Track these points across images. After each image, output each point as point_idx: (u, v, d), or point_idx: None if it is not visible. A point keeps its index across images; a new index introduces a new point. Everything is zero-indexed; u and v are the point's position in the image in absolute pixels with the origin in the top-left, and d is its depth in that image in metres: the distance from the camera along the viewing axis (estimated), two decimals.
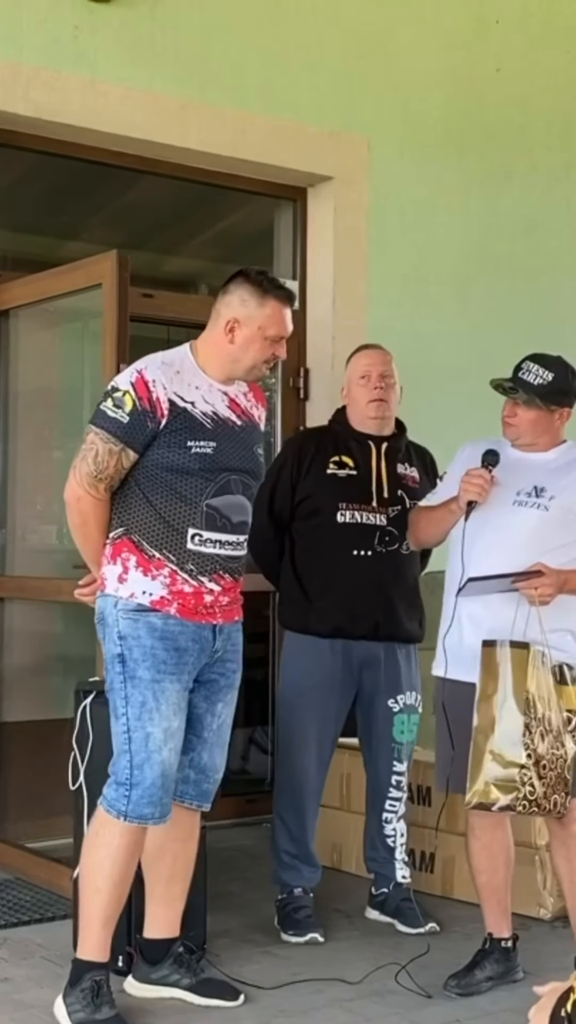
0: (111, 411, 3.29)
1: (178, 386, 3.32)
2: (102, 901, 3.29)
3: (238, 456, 3.39)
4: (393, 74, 5.62)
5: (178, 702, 3.32)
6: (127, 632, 3.29)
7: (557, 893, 4.12)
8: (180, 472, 3.30)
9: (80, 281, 4.44)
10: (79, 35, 4.79)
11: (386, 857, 4.24)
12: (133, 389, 3.28)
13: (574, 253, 6.22)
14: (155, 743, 3.27)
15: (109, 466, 3.29)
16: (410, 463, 4.24)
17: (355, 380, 4.20)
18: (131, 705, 3.27)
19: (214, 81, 5.12)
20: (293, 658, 4.18)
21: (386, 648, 4.16)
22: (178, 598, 3.31)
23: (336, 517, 4.09)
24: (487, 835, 3.63)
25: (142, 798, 3.27)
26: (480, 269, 5.88)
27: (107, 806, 3.31)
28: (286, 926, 4.07)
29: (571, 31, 6.21)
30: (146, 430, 3.27)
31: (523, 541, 3.51)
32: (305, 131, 5.37)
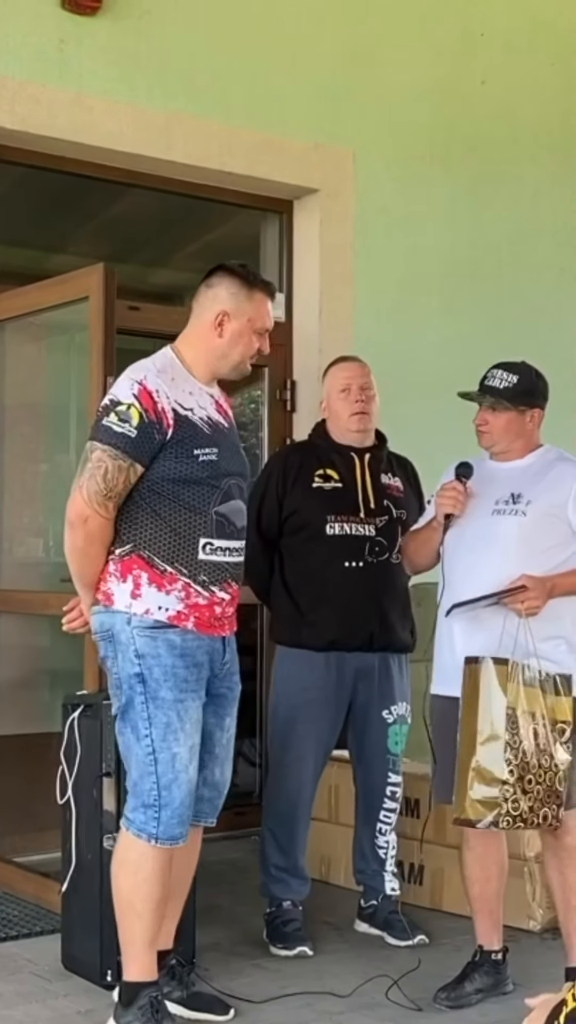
0: (117, 426, 3.20)
1: (176, 394, 3.27)
2: (145, 925, 3.27)
3: (235, 459, 3.37)
4: (378, 87, 5.64)
5: (198, 718, 3.29)
6: (146, 651, 3.23)
7: (547, 905, 4.12)
8: (188, 482, 3.25)
9: (67, 294, 4.44)
10: (65, 49, 4.80)
11: (376, 869, 4.24)
12: (138, 401, 3.21)
13: (560, 264, 6.24)
14: (181, 763, 3.24)
15: (119, 483, 3.20)
16: (393, 473, 4.25)
17: (335, 393, 4.19)
18: (155, 726, 3.22)
19: (200, 94, 5.13)
20: (287, 672, 4.17)
21: (380, 659, 4.17)
22: (194, 611, 3.27)
23: (325, 530, 4.08)
24: (481, 846, 3.63)
25: (172, 819, 3.24)
26: (466, 280, 5.90)
27: (136, 830, 3.26)
28: (275, 939, 4.06)
29: (556, 43, 6.24)
30: (154, 443, 3.21)
31: (506, 550, 3.50)
32: (291, 144, 5.38)
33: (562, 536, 3.55)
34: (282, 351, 5.51)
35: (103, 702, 3.73)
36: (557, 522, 3.54)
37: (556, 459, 3.66)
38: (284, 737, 4.14)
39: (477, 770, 3.35)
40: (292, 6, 5.39)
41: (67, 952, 3.82)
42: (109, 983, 3.56)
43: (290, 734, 4.12)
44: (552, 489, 3.57)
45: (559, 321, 6.17)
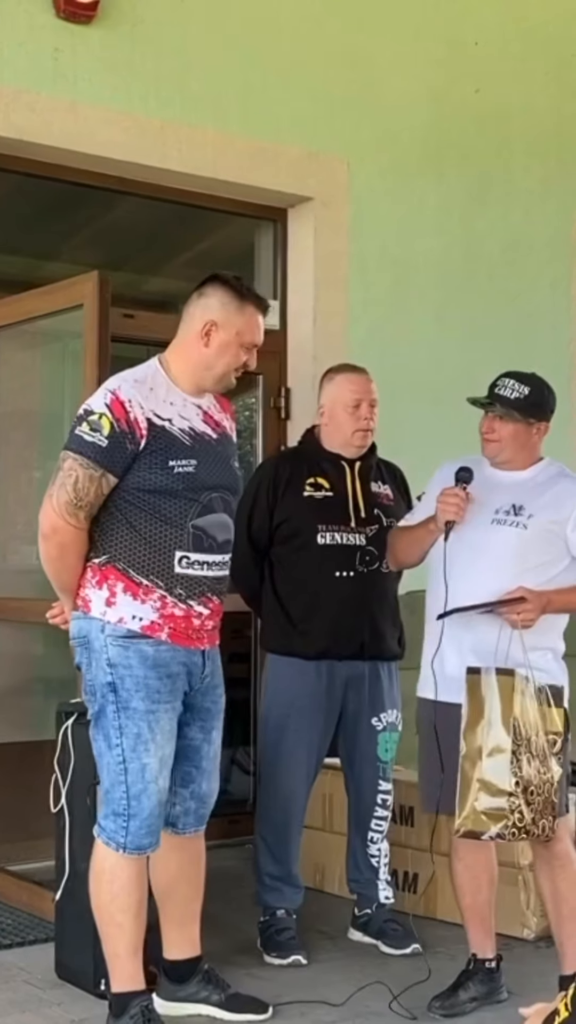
0: (88, 435, 3.18)
1: (154, 404, 3.24)
2: (127, 934, 3.27)
3: (218, 473, 3.33)
4: (373, 95, 5.65)
5: (171, 729, 3.28)
6: (117, 660, 3.22)
7: (540, 913, 4.11)
8: (163, 493, 3.22)
9: (61, 302, 4.44)
10: (60, 57, 4.80)
11: (369, 878, 4.23)
12: (109, 411, 3.19)
13: (553, 271, 6.25)
14: (151, 773, 3.23)
15: (90, 493, 3.18)
16: (383, 481, 4.25)
17: (342, 406, 4.15)
18: (126, 736, 3.21)
19: (194, 102, 5.14)
20: (278, 681, 4.16)
21: (370, 667, 4.16)
22: (169, 622, 3.25)
23: (316, 539, 4.08)
24: (471, 856, 3.63)
25: (140, 829, 3.24)
26: (460, 287, 5.91)
27: (106, 838, 3.27)
28: (269, 948, 4.05)
29: (548, 51, 6.25)
30: (126, 452, 3.18)
31: (502, 560, 3.50)
32: (285, 152, 5.39)
33: (556, 553, 3.55)
34: (276, 358, 5.51)
35: None
36: (555, 539, 3.54)
37: (558, 475, 3.66)
38: (276, 745, 4.13)
39: (482, 782, 3.34)
40: (286, 15, 5.40)
41: (60, 961, 3.82)
42: (102, 992, 3.56)
43: (281, 742, 4.12)
44: (554, 505, 3.56)
45: (552, 330, 6.18)
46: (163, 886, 3.44)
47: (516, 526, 3.54)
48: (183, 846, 3.42)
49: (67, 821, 3.76)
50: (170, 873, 3.44)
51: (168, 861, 3.37)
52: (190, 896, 3.51)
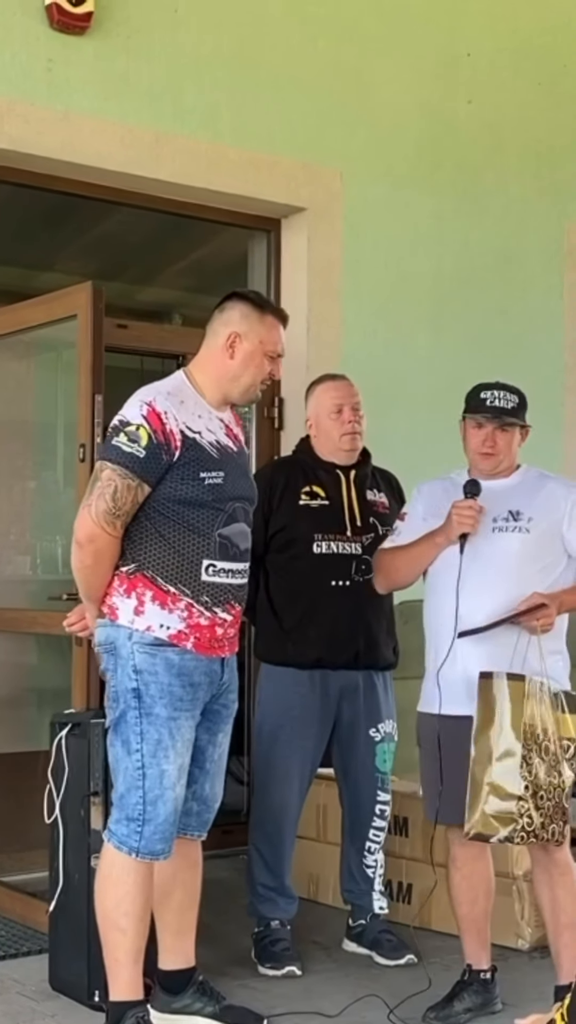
0: (126, 446, 3.24)
1: (186, 416, 3.31)
2: (129, 940, 3.28)
3: (241, 484, 3.40)
4: (366, 106, 5.66)
5: (190, 738, 3.32)
6: (144, 667, 3.26)
7: (535, 923, 4.11)
8: (192, 504, 3.28)
9: (55, 312, 4.45)
10: (53, 68, 4.81)
11: (364, 888, 4.23)
12: (147, 423, 3.25)
13: (546, 282, 6.26)
14: (169, 780, 3.26)
15: (127, 502, 3.24)
16: (378, 489, 4.25)
17: (326, 413, 4.18)
18: (146, 742, 3.25)
19: (188, 113, 5.14)
20: (272, 690, 4.16)
21: (364, 676, 4.16)
22: (195, 632, 3.29)
23: (312, 548, 4.08)
24: (468, 866, 3.62)
25: (154, 834, 3.26)
26: (453, 298, 5.91)
27: (117, 843, 3.28)
28: (263, 959, 4.04)
29: (541, 63, 6.27)
30: (161, 464, 3.25)
31: (510, 566, 3.52)
32: (278, 163, 5.40)
33: (557, 553, 3.58)
34: None
35: (91, 721, 3.73)
36: (555, 539, 3.58)
37: (540, 476, 3.70)
38: (269, 755, 4.13)
39: (492, 785, 3.35)
40: (279, 25, 5.41)
41: (54, 972, 3.81)
42: (96, 1003, 3.55)
43: (275, 752, 4.11)
44: (548, 506, 3.59)
45: (546, 338, 6.19)
46: (159, 890, 3.44)
47: (519, 531, 3.56)
48: (181, 850, 3.42)
49: (61, 832, 3.76)
50: (165, 877, 3.43)
51: (165, 864, 3.37)
52: (186, 904, 3.51)
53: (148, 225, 5.86)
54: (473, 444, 3.67)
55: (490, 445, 3.63)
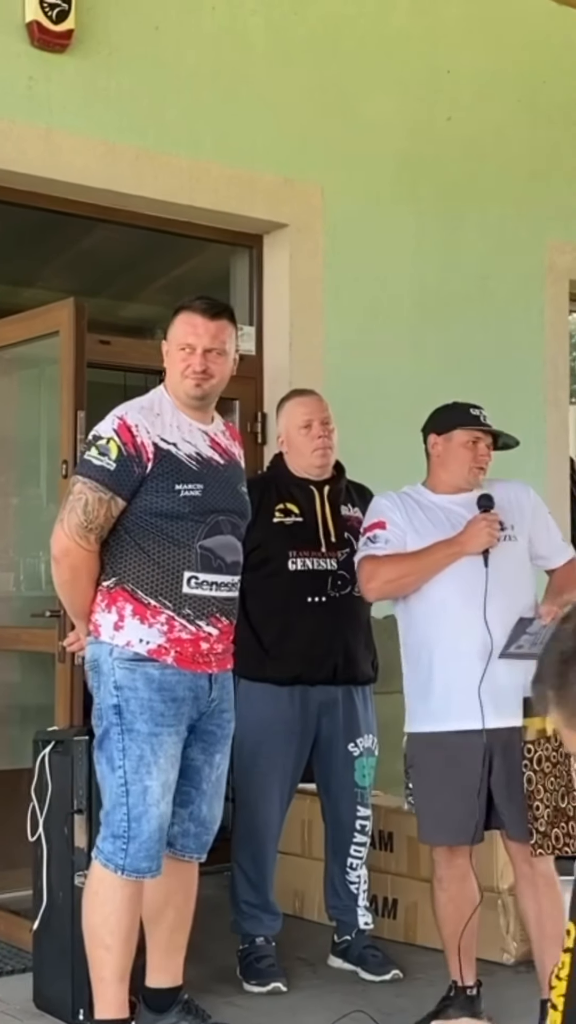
0: (96, 459, 3.25)
1: (160, 429, 3.32)
2: (114, 958, 3.27)
3: (225, 496, 3.39)
4: (347, 122, 5.68)
5: (175, 754, 3.30)
6: (124, 682, 3.25)
7: (520, 938, 4.11)
8: (170, 516, 3.28)
9: (37, 328, 4.45)
10: (34, 85, 4.82)
11: (348, 904, 4.22)
12: (117, 435, 3.26)
13: (526, 298, 6.29)
14: (153, 797, 3.25)
15: (99, 515, 3.25)
16: (352, 504, 4.25)
17: (296, 428, 4.18)
18: (128, 758, 3.24)
19: (169, 130, 5.16)
20: (250, 707, 4.14)
21: (343, 691, 4.16)
22: (176, 646, 3.28)
23: (288, 565, 4.07)
24: (454, 886, 3.61)
25: (139, 852, 3.25)
26: (434, 314, 5.94)
27: (104, 860, 3.27)
28: (248, 976, 4.03)
29: (520, 80, 6.31)
30: (133, 476, 3.25)
31: (517, 575, 3.58)
32: (260, 179, 5.41)
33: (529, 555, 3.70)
34: (252, 384, 5.52)
35: (74, 738, 3.72)
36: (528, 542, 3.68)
37: (491, 485, 3.71)
38: (249, 772, 4.11)
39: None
40: (260, 42, 5.43)
41: (39, 991, 3.79)
42: (81, 1022, 3.53)
43: (255, 769, 4.10)
44: (516, 511, 3.66)
45: (526, 354, 6.22)
46: (151, 909, 3.43)
47: (511, 540, 3.61)
48: (176, 870, 3.41)
49: (44, 850, 3.74)
50: (159, 896, 3.42)
51: (159, 883, 3.36)
52: (177, 924, 3.50)
53: (130, 241, 5.86)
54: (465, 458, 3.66)
55: (485, 460, 3.67)
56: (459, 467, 3.68)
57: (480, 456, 3.67)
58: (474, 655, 3.50)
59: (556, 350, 6.39)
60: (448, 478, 3.70)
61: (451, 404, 3.75)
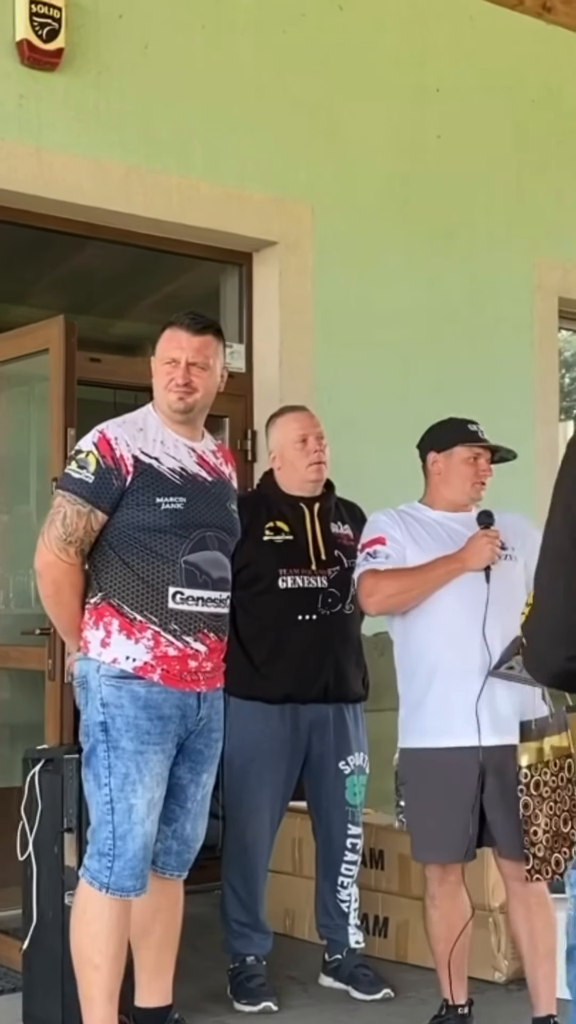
0: (76, 472, 3.28)
1: (142, 442, 3.33)
2: (103, 977, 3.26)
3: (211, 512, 3.38)
4: (336, 141, 5.71)
5: (161, 772, 3.29)
6: (110, 700, 3.25)
7: (511, 956, 4.10)
8: (152, 530, 3.28)
9: (27, 346, 4.45)
10: (24, 104, 4.83)
11: (339, 923, 4.20)
12: (96, 449, 3.29)
13: (515, 316, 6.31)
14: (138, 815, 3.24)
15: (78, 528, 3.26)
16: (342, 521, 4.24)
17: (290, 444, 4.17)
18: (114, 776, 3.23)
19: (159, 148, 5.17)
20: (241, 725, 4.13)
21: (335, 710, 4.15)
22: (162, 663, 3.28)
23: (278, 583, 4.07)
24: (446, 903, 3.60)
25: (124, 870, 3.24)
26: (424, 330, 5.95)
27: (90, 878, 3.27)
28: (239, 995, 4.01)
29: (508, 98, 6.34)
30: (112, 488, 3.26)
31: (514, 594, 3.49)
32: (250, 197, 5.43)
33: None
34: (242, 401, 5.53)
35: (64, 756, 3.71)
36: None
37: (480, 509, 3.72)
38: (239, 791, 4.10)
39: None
40: (250, 61, 5.46)
41: (28, 1011, 3.77)
42: None
43: (245, 788, 4.09)
44: (516, 534, 3.62)
45: (515, 372, 6.24)
46: (138, 928, 3.41)
47: (511, 559, 3.59)
48: (161, 888, 3.40)
49: (34, 869, 3.73)
50: (146, 915, 3.41)
51: (145, 902, 3.35)
52: (164, 943, 3.49)
53: (120, 259, 5.87)
54: (467, 474, 3.67)
55: (486, 475, 3.68)
56: (461, 483, 3.68)
57: (481, 471, 3.68)
58: (473, 671, 3.50)
59: (545, 367, 6.41)
60: (450, 495, 3.70)
61: (447, 420, 3.75)
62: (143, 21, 5.14)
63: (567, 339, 7.83)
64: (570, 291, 6.53)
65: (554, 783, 3.48)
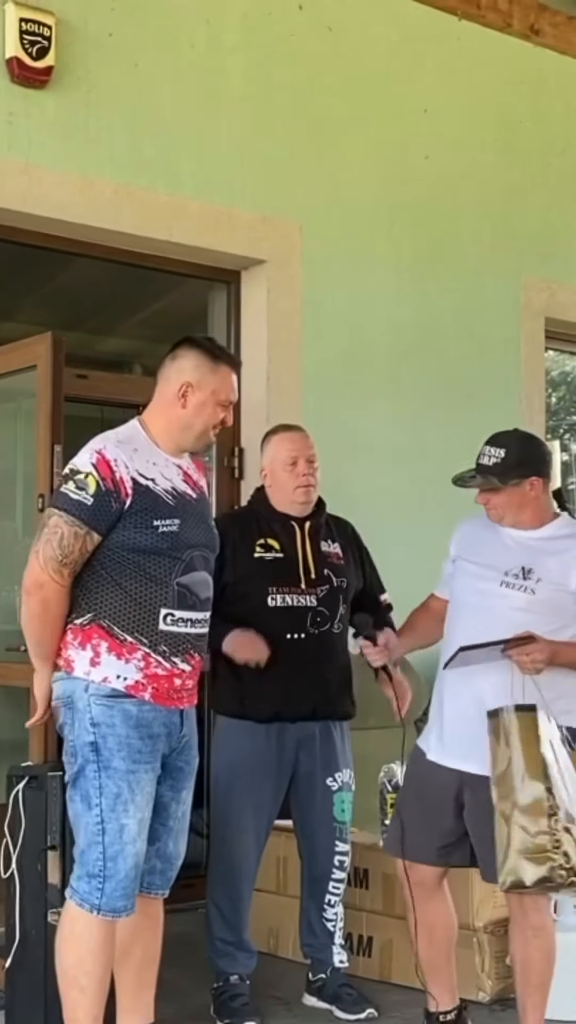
0: (74, 493, 3.22)
1: (139, 464, 3.29)
2: (88, 999, 3.23)
3: (198, 531, 3.38)
4: (324, 160, 5.73)
5: (151, 791, 3.28)
6: (101, 719, 3.22)
7: (495, 975, 4.09)
8: (148, 552, 3.25)
9: (15, 362, 4.45)
10: (14, 121, 4.84)
11: (324, 942, 4.19)
12: (96, 470, 3.23)
13: (503, 335, 6.33)
14: (129, 835, 3.22)
15: (75, 550, 3.22)
16: (332, 539, 4.24)
17: (281, 465, 4.18)
18: (105, 796, 3.21)
19: (147, 166, 5.18)
20: (228, 743, 4.13)
21: (321, 727, 4.14)
22: (152, 682, 3.27)
23: (267, 601, 4.06)
24: (422, 906, 3.59)
25: (115, 891, 3.22)
26: (411, 350, 5.97)
27: (79, 900, 3.24)
28: (222, 1014, 4.00)
29: (496, 119, 6.37)
30: (111, 511, 3.22)
31: (513, 622, 3.41)
32: (238, 215, 5.44)
33: (564, 620, 3.46)
34: None
35: (48, 774, 3.69)
36: (562, 606, 3.46)
37: (570, 536, 3.57)
38: (225, 809, 4.09)
39: (521, 826, 3.22)
40: (239, 80, 5.48)
41: None
42: None
43: (231, 806, 4.08)
44: (562, 570, 3.47)
45: (503, 390, 6.25)
46: (119, 948, 3.38)
47: (524, 590, 3.46)
48: (143, 908, 3.38)
49: (18, 887, 3.71)
50: (126, 935, 3.39)
51: (126, 922, 3.33)
52: (144, 963, 3.47)
53: (108, 276, 5.88)
54: (476, 498, 3.63)
55: (483, 502, 3.60)
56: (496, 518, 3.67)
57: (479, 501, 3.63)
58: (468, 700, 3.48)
59: (532, 387, 6.43)
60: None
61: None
62: (133, 40, 5.16)
63: (554, 359, 7.87)
64: (557, 311, 6.56)
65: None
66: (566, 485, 7.89)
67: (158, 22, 5.24)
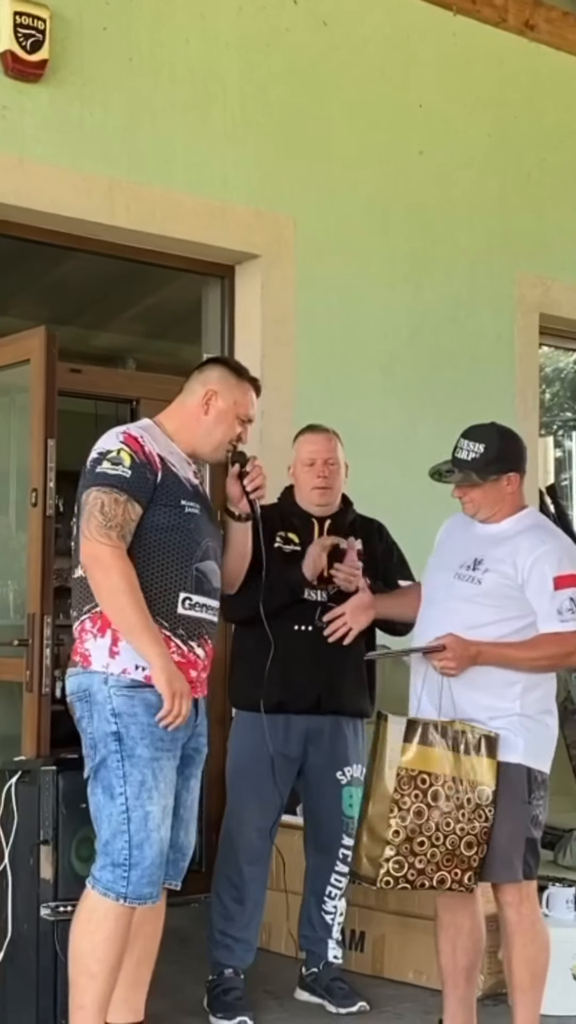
0: (111, 469, 3.26)
1: (159, 448, 3.37)
2: (98, 987, 3.25)
3: (211, 526, 3.45)
4: (319, 155, 5.72)
5: (173, 779, 3.30)
6: (122, 709, 3.24)
7: (488, 971, 4.09)
8: (174, 531, 3.30)
9: (8, 357, 4.45)
10: (8, 115, 4.83)
11: (321, 936, 4.19)
12: (126, 446, 3.30)
13: (496, 331, 6.33)
14: (154, 822, 3.24)
15: (117, 514, 3.23)
16: (355, 538, 4.24)
17: (300, 465, 4.24)
18: (130, 784, 3.22)
19: (142, 160, 5.18)
20: (237, 735, 4.16)
21: (332, 721, 4.15)
22: None
23: None
24: (446, 916, 3.57)
25: (142, 878, 3.23)
26: (405, 343, 5.97)
27: (103, 889, 3.24)
28: (215, 1008, 4.00)
29: (490, 114, 6.37)
30: (147, 482, 3.28)
31: (460, 612, 3.44)
32: (232, 210, 5.44)
33: (511, 611, 3.44)
34: None
35: (41, 768, 3.69)
36: (509, 596, 3.45)
37: (528, 527, 3.55)
38: (233, 799, 4.12)
39: (368, 827, 3.34)
40: (234, 75, 5.47)
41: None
42: None
43: (238, 797, 4.10)
44: (508, 560, 3.46)
45: (496, 385, 6.26)
46: None
47: (472, 581, 3.47)
48: None
49: (10, 882, 3.71)
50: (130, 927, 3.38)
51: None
52: (144, 956, 3.46)
53: (102, 271, 5.88)
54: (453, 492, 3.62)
55: (460, 495, 3.58)
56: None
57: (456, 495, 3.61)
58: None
59: (526, 383, 6.43)
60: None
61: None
62: (127, 34, 5.15)
63: (548, 354, 7.87)
64: (551, 306, 6.56)
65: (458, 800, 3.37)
66: (559, 481, 7.88)
67: (152, 16, 5.24)
